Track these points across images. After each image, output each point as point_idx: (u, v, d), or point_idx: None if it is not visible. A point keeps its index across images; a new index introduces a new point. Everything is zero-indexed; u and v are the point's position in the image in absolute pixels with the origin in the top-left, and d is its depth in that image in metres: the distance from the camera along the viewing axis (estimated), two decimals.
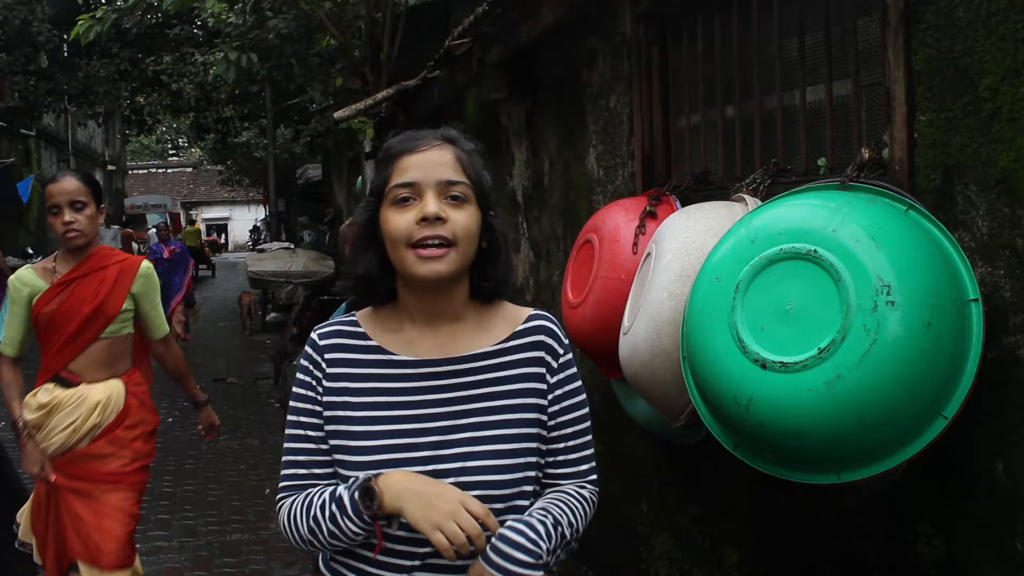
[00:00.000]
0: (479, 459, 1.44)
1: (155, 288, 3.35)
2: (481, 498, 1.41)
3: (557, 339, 1.56)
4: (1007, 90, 1.86)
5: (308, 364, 1.54)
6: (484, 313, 1.55)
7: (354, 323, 1.55)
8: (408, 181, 1.44)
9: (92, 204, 3.19)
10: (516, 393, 1.50)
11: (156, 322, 3.39)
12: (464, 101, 6.01)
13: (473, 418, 1.47)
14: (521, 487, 1.46)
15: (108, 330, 3.22)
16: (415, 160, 1.45)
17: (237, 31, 9.01)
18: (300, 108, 15.26)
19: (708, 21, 3.10)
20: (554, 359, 1.54)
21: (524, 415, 1.49)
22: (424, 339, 1.51)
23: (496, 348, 1.52)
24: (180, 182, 49.72)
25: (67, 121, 25.05)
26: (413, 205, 1.43)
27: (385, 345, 1.51)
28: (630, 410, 3.14)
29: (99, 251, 3.27)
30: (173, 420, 8.29)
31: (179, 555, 5.00)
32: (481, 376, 1.50)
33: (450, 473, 1.42)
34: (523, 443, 1.47)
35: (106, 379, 3.25)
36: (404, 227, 1.43)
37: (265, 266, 13.53)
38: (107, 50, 15.45)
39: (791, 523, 2.63)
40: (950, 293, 1.83)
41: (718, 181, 3.07)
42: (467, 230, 1.44)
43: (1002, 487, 1.90)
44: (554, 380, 1.54)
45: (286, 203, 26.29)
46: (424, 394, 1.48)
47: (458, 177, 1.45)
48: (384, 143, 1.55)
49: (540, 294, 4.75)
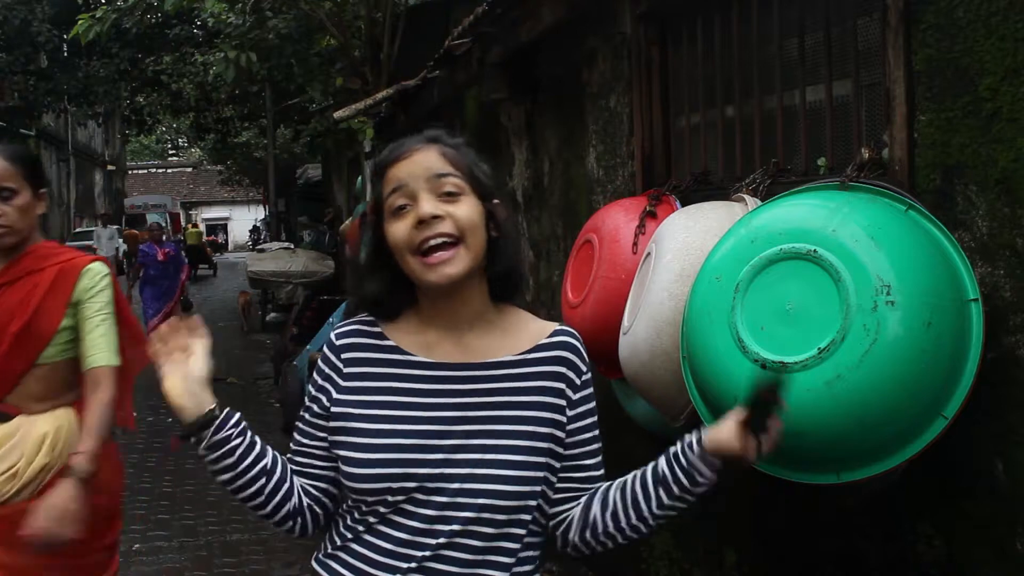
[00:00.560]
0: (489, 467, 1.41)
1: (102, 295, 2.46)
2: (482, 506, 1.40)
3: (581, 357, 1.53)
4: (1007, 90, 1.86)
5: (324, 364, 1.52)
6: (507, 321, 1.53)
7: (373, 323, 1.53)
8: (399, 186, 1.43)
9: (26, 190, 2.40)
10: (534, 406, 1.47)
11: (95, 346, 2.41)
12: (464, 101, 6.01)
13: (487, 425, 1.44)
14: (526, 501, 1.44)
15: (44, 355, 2.40)
16: (402, 167, 1.44)
17: (237, 31, 9.02)
18: (300, 108, 15.26)
19: (708, 21, 3.10)
20: (577, 376, 1.51)
21: (540, 428, 1.46)
22: (444, 343, 1.49)
23: (518, 358, 1.49)
24: (180, 182, 49.72)
25: (67, 121, 25.06)
26: (410, 211, 1.42)
27: (404, 346, 1.49)
28: (630, 410, 3.14)
29: (36, 249, 2.47)
30: (173, 420, 8.28)
31: (179, 555, 5.00)
32: (500, 384, 1.47)
33: (458, 479, 1.41)
34: (535, 456, 1.45)
35: (51, 409, 2.43)
36: (404, 233, 1.41)
37: (265, 266, 13.52)
38: (107, 50, 15.46)
39: (791, 523, 2.63)
40: (950, 293, 1.83)
41: (718, 181, 3.07)
42: (469, 221, 1.42)
43: (1002, 487, 1.90)
44: (576, 397, 1.51)
45: (286, 203, 26.28)
46: (439, 397, 1.46)
47: (446, 169, 1.43)
48: (375, 160, 1.55)
49: (540, 294, 4.75)
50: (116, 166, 36.01)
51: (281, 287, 13.16)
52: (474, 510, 1.40)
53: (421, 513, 1.41)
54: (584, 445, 1.53)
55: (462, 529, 1.40)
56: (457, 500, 1.40)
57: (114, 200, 35.05)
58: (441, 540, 1.40)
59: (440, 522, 1.40)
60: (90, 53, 15.55)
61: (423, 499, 1.41)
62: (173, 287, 11.12)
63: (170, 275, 11.05)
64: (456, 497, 1.40)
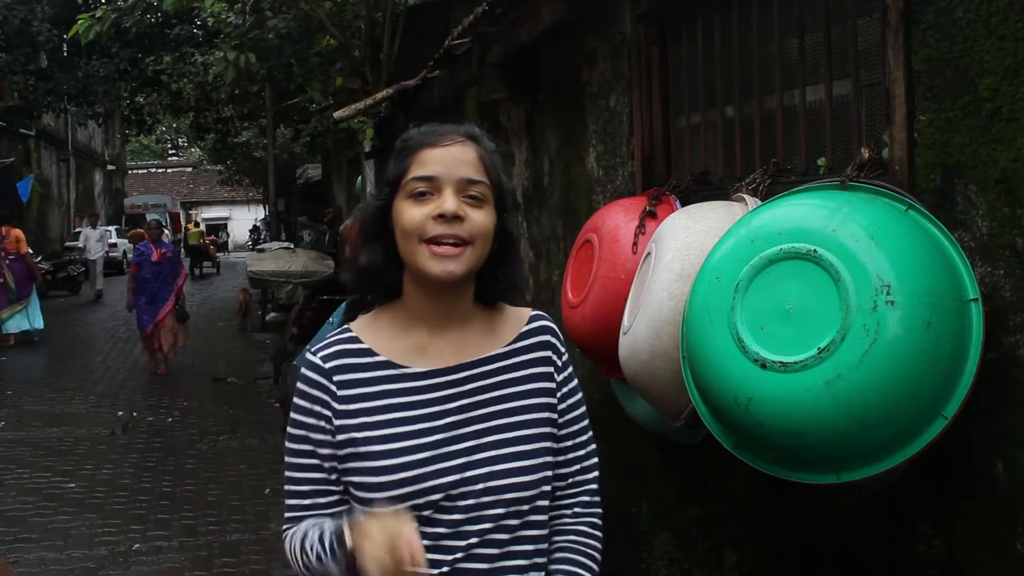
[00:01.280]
0: (504, 462, 1.42)
1: None
2: (509, 501, 1.41)
3: (558, 338, 1.56)
4: (1007, 90, 1.85)
5: (312, 389, 1.44)
6: (489, 315, 1.53)
7: (355, 339, 1.48)
8: (428, 175, 1.40)
9: None
10: (530, 393, 1.49)
11: None
12: (464, 101, 6.01)
13: (495, 421, 1.45)
14: (542, 487, 1.46)
15: None
16: (437, 155, 1.42)
17: (237, 31, 9.02)
18: (300, 108, 15.27)
19: (708, 21, 3.10)
20: (559, 358, 1.54)
21: (540, 415, 1.48)
22: (434, 344, 1.47)
23: (507, 350, 1.50)
24: (180, 182, 49.73)
25: (67, 121, 25.07)
26: (431, 200, 1.39)
27: (394, 359, 1.46)
28: (630, 410, 3.14)
29: None
30: (173, 420, 8.30)
31: (179, 555, 5.00)
32: (496, 379, 1.48)
33: (479, 479, 1.41)
34: (542, 443, 1.47)
35: None
36: (419, 221, 1.38)
37: (265, 266, 13.51)
38: (107, 50, 15.47)
39: (791, 523, 2.63)
40: (950, 293, 1.83)
41: (718, 181, 3.07)
42: (484, 229, 1.41)
43: (1002, 487, 1.90)
44: (560, 378, 1.54)
45: (286, 203, 26.31)
46: (443, 404, 1.45)
47: (479, 176, 1.42)
48: (403, 134, 1.50)
49: (540, 294, 4.75)
50: (116, 166, 36.00)
51: (281, 287, 13.15)
52: (503, 506, 1.41)
53: (447, 519, 1.40)
54: (574, 425, 1.55)
55: (494, 526, 1.41)
56: (483, 500, 1.40)
57: (114, 200, 35.05)
58: (472, 540, 1.40)
59: (469, 523, 1.40)
60: (90, 53, 15.55)
61: (449, 506, 1.40)
62: (166, 291, 10.42)
63: (164, 277, 10.39)
64: (482, 497, 1.40)
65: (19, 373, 10.92)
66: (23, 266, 12.70)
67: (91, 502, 6.00)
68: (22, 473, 6.70)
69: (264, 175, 23.10)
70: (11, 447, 7.47)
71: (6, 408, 8.91)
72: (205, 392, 9.59)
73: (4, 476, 6.61)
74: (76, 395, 9.46)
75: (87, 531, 5.45)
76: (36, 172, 21.74)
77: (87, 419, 8.32)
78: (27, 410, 8.84)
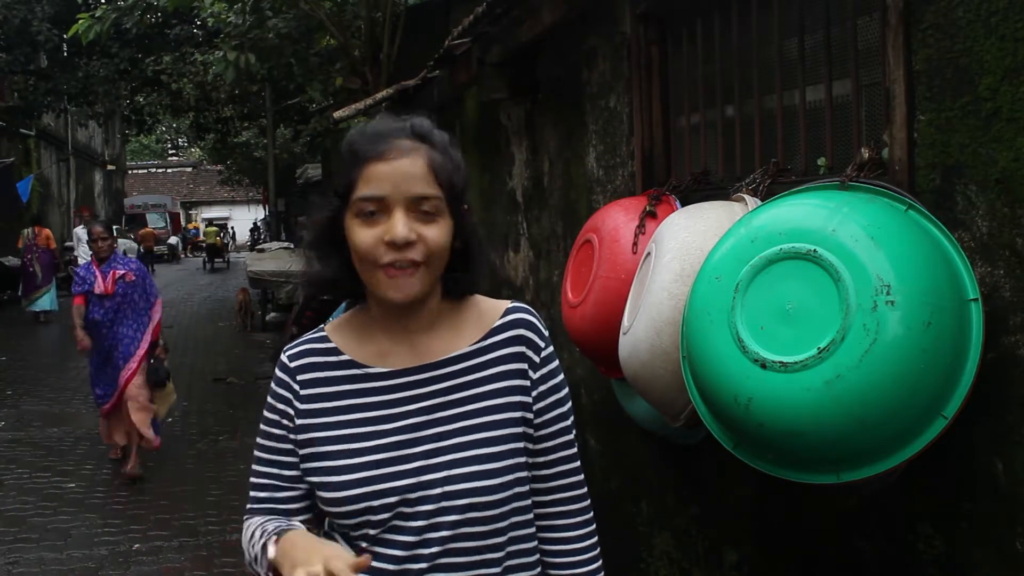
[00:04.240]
0: (466, 465, 1.38)
1: None
2: (470, 506, 1.37)
3: (537, 331, 1.47)
4: (1007, 90, 1.85)
5: (279, 388, 1.45)
6: (458, 312, 1.47)
7: (324, 339, 1.47)
8: (375, 195, 1.33)
9: None
10: (498, 393, 1.43)
11: None
12: (464, 101, 6.01)
13: (456, 424, 1.40)
14: (513, 489, 1.41)
15: None
16: (384, 171, 1.33)
17: (237, 31, 9.02)
18: (300, 108, 15.29)
19: (708, 21, 3.10)
20: (535, 353, 1.46)
21: (508, 415, 1.42)
22: (399, 345, 1.43)
23: (473, 348, 1.44)
24: (180, 182, 49.76)
25: (67, 121, 25.05)
26: (380, 221, 1.33)
27: (358, 359, 1.44)
28: (630, 410, 3.14)
29: None
30: (173, 420, 8.29)
31: (179, 555, 5.01)
32: (459, 380, 1.42)
33: (436, 483, 1.37)
34: (509, 444, 1.41)
35: None
36: (371, 245, 1.33)
37: (265, 266, 13.51)
38: (107, 50, 15.46)
39: (791, 523, 2.63)
40: (950, 293, 1.83)
41: (718, 181, 3.07)
42: (439, 246, 1.35)
43: (1002, 487, 1.90)
44: (537, 375, 1.46)
45: (286, 203, 26.30)
46: (404, 405, 1.41)
47: (430, 190, 1.34)
48: (348, 137, 1.42)
49: (540, 294, 4.75)
50: (116, 166, 35.98)
51: (281, 287, 13.15)
52: (464, 511, 1.37)
53: (410, 526, 1.37)
54: (554, 423, 1.48)
55: (452, 534, 1.37)
56: (443, 505, 1.37)
57: (114, 200, 35.04)
58: (435, 549, 1.37)
59: (431, 530, 1.37)
60: (90, 53, 15.55)
61: (409, 511, 1.37)
62: (128, 337, 6.29)
63: (122, 316, 6.27)
64: (441, 502, 1.37)
65: (19, 373, 10.92)
66: (50, 257, 15.42)
67: (91, 502, 6.01)
68: (22, 473, 6.70)
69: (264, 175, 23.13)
70: (11, 447, 7.47)
71: (6, 408, 8.91)
72: (205, 392, 9.59)
73: (4, 476, 6.62)
74: (76, 395, 9.46)
75: (87, 531, 5.45)
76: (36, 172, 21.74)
77: (87, 419, 8.31)
78: (27, 410, 8.85)
